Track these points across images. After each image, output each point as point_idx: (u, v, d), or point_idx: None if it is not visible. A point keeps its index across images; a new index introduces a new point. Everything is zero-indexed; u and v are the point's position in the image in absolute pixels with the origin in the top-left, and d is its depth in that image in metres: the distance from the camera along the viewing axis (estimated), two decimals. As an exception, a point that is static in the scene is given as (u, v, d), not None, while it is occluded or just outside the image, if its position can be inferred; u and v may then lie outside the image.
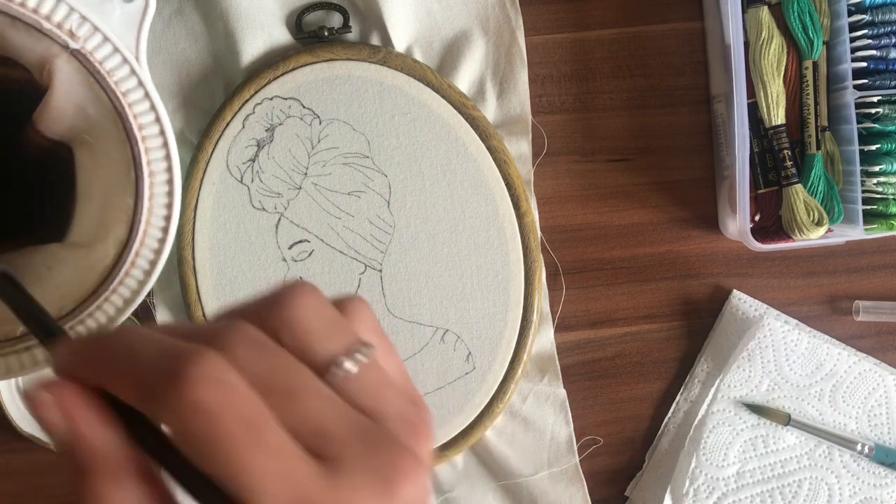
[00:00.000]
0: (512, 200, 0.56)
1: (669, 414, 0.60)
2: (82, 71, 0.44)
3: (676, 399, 0.60)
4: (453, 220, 0.56)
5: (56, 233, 0.47)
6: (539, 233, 0.58)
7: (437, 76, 0.56)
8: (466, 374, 0.56)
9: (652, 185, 0.59)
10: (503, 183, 0.56)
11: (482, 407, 0.56)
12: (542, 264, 0.57)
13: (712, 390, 0.58)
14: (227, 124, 0.55)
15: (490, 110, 0.57)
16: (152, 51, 0.56)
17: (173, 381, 0.21)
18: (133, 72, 0.45)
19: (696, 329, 0.60)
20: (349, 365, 0.24)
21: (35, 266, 0.47)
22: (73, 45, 0.44)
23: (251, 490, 0.21)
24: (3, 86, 0.48)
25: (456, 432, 0.56)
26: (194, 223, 0.55)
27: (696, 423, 0.58)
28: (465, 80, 0.57)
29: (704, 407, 0.58)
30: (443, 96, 0.56)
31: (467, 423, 0.56)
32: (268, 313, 0.24)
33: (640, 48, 0.59)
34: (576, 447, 0.58)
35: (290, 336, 0.24)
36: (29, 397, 0.23)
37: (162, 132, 0.46)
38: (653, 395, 0.60)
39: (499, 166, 0.56)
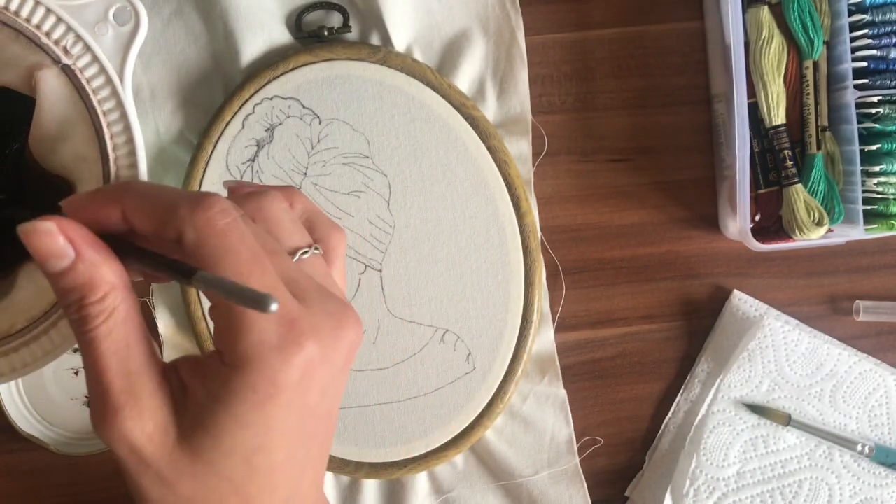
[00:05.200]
0: (512, 200, 0.56)
1: (670, 414, 0.59)
2: (69, 86, 0.46)
3: (677, 399, 0.60)
4: (453, 220, 0.56)
5: None
6: (539, 233, 0.57)
7: (437, 76, 0.56)
8: (466, 374, 0.56)
9: (652, 185, 0.59)
10: (503, 183, 0.56)
11: (482, 407, 0.56)
12: (542, 264, 0.57)
13: (713, 390, 0.58)
14: (227, 124, 0.55)
15: (490, 110, 0.57)
16: (152, 51, 0.56)
17: (197, 203, 0.28)
18: (115, 92, 0.47)
19: (697, 329, 0.60)
20: (306, 256, 0.32)
21: (18, 281, 0.46)
22: (64, 60, 0.45)
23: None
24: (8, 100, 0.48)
25: (456, 432, 0.56)
26: (194, 223, 0.55)
27: (696, 423, 0.58)
28: (465, 79, 0.57)
29: (705, 407, 0.58)
30: (443, 96, 0.56)
31: (467, 424, 0.56)
32: (247, 203, 0.32)
33: (641, 48, 0.59)
34: (576, 447, 0.58)
35: (265, 224, 0.32)
36: (30, 229, 0.28)
37: (133, 152, 0.47)
38: (653, 395, 0.60)
39: (499, 166, 0.56)
